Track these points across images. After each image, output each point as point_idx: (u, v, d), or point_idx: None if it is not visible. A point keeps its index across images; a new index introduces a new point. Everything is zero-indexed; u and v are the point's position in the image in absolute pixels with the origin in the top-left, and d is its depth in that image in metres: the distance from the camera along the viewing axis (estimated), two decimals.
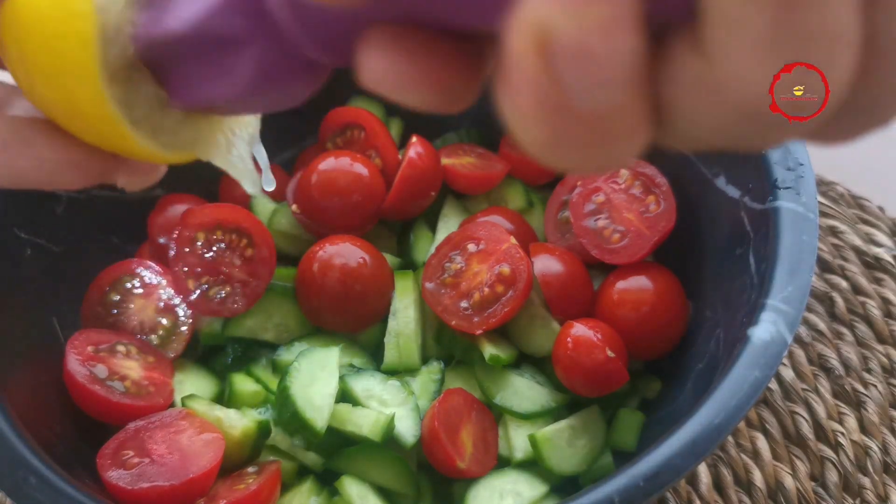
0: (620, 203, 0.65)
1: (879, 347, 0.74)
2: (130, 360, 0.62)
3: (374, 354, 0.66)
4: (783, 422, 0.70)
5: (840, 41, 0.19)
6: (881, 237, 0.80)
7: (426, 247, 0.71)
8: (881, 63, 0.20)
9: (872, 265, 0.78)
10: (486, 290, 0.61)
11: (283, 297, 0.66)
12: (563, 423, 0.61)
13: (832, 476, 0.67)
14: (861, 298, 0.76)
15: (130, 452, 0.55)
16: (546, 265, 0.64)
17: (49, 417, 0.57)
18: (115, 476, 0.53)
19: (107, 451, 0.55)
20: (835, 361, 0.73)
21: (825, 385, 0.72)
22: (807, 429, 0.69)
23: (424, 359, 0.65)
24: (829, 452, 0.68)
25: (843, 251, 0.79)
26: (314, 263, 0.65)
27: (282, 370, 0.62)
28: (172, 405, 0.62)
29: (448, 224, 0.71)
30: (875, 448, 0.68)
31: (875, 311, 0.75)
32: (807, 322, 0.75)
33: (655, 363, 0.66)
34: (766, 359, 0.49)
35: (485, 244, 0.63)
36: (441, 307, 0.62)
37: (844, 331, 0.75)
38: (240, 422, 0.58)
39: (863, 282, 0.77)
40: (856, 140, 0.23)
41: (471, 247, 0.64)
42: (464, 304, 0.62)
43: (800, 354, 0.74)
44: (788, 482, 0.66)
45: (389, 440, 0.59)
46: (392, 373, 0.63)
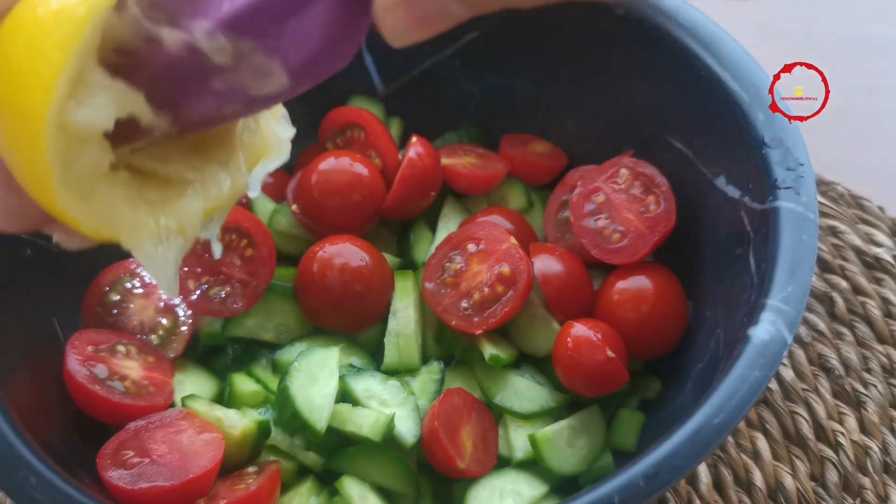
0: (620, 203, 0.65)
1: (879, 347, 0.74)
2: (130, 360, 0.62)
3: (374, 354, 0.66)
4: (783, 422, 0.70)
5: None
6: (881, 237, 0.80)
7: (426, 247, 0.71)
8: None
9: (872, 265, 0.78)
10: (486, 290, 0.61)
11: (283, 297, 0.66)
12: (563, 423, 0.61)
13: (832, 476, 0.67)
14: (861, 298, 0.76)
15: (130, 452, 0.55)
16: (546, 265, 0.64)
17: (49, 417, 0.57)
18: (115, 476, 0.53)
19: (107, 451, 0.55)
20: (835, 361, 0.73)
21: (825, 385, 0.72)
22: (807, 429, 0.69)
23: (424, 359, 0.65)
24: (829, 452, 0.68)
25: (843, 251, 0.79)
26: (314, 263, 0.65)
27: (282, 370, 0.62)
28: (172, 405, 0.62)
29: (448, 224, 0.71)
30: (875, 448, 0.68)
31: (875, 311, 0.75)
32: (807, 322, 0.75)
33: (655, 363, 0.66)
34: (766, 359, 0.49)
35: (485, 244, 0.63)
36: (441, 307, 0.63)
37: (844, 331, 0.75)
38: (240, 422, 0.58)
39: (863, 282, 0.77)
40: None
41: (471, 247, 0.64)
42: (464, 304, 0.62)
43: (800, 354, 0.74)
44: (788, 482, 0.66)
45: (389, 440, 0.59)
46: (392, 373, 0.63)
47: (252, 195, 0.44)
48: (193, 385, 0.64)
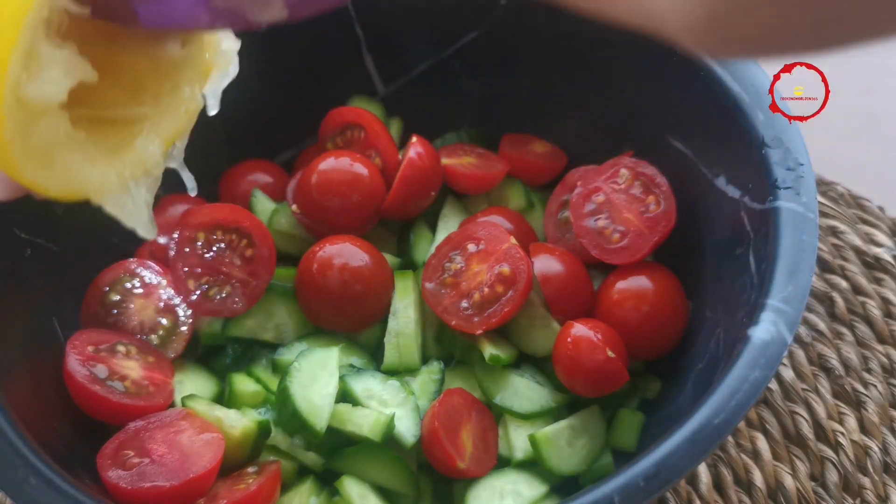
0: (620, 203, 0.65)
1: (879, 347, 0.74)
2: (130, 360, 0.62)
3: (374, 354, 0.66)
4: (783, 422, 0.70)
5: None
6: (881, 237, 0.80)
7: (426, 247, 0.71)
8: None
9: (872, 265, 0.78)
10: (486, 290, 0.61)
11: (283, 298, 0.66)
12: (563, 423, 0.61)
13: (832, 476, 0.67)
14: (861, 298, 0.76)
15: (130, 452, 0.55)
16: (546, 265, 0.64)
17: (49, 417, 0.57)
18: (115, 476, 0.53)
19: (107, 451, 0.55)
20: (835, 361, 0.73)
21: (825, 385, 0.72)
22: (807, 429, 0.69)
23: (424, 359, 0.65)
24: (829, 452, 0.68)
25: (843, 251, 0.79)
26: (314, 263, 0.65)
27: (282, 370, 0.62)
28: (172, 405, 0.62)
29: (448, 224, 0.71)
30: (875, 448, 0.68)
31: (875, 311, 0.75)
32: (807, 322, 0.75)
33: (655, 363, 0.66)
34: (766, 359, 0.49)
35: (485, 244, 0.63)
36: (441, 307, 0.63)
37: (844, 331, 0.75)
38: (240, 422, 0.58)
39: (863, 282, 0.77)
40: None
41: (471, 247, 0.64)
42: (464, 304, 0.62)
43: (800, 354, 0.74)
44: (788, 482, 0.66)
45: (389, 440, 0.59)
46: (392, 373, 0.63)
47: (211, 113, 0.44)
48: (193, 385, 0.64)
